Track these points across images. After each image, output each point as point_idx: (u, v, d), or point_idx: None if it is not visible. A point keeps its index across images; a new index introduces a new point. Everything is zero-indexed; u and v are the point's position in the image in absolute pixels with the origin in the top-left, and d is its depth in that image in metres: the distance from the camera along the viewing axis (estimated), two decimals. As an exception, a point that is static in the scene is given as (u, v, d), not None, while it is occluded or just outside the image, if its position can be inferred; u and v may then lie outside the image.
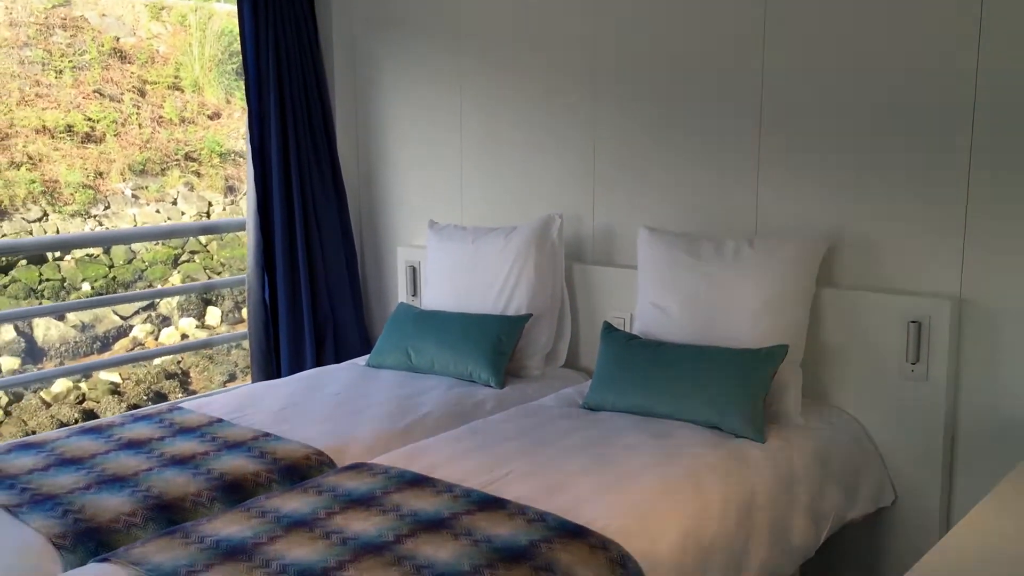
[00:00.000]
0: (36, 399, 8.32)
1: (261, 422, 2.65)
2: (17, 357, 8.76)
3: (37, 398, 8.34)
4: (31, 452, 2.43)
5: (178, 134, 10.78)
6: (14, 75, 9.98)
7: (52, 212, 9.75)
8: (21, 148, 9.73)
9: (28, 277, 9.16)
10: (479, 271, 3.23)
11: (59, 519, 2.03)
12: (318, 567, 1.78)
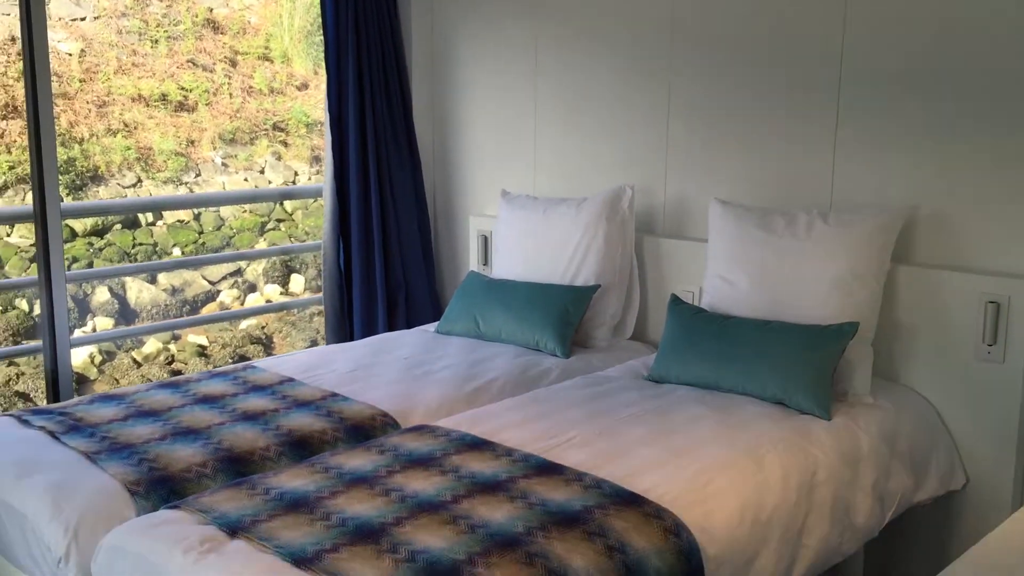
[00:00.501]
0: (128, 359, 8.65)
1: (330, 383, 2.72)
2: (111, 318, 9.11)
3: (129, 358, 8.67)
4: (112, 403, 2.54)
5: (267, 104, 11.00)
6: (112, 44, 10.29)
7: (146, 178, 10.07)
8: (118, 116, 10.05)
9: (122, 241, 9.49)
10: (549, 241, 3.24)
11: (135, 467, 2.13)
12: (376, 522, 1.83)
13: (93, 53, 10.15)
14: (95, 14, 10.35)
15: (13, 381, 7.98)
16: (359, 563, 1.68)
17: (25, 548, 2.07)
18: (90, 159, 9.65)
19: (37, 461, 2.17)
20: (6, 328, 8.28)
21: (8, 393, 7.76)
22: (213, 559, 1.73)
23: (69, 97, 9.66)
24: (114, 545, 1.86)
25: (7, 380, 7.98)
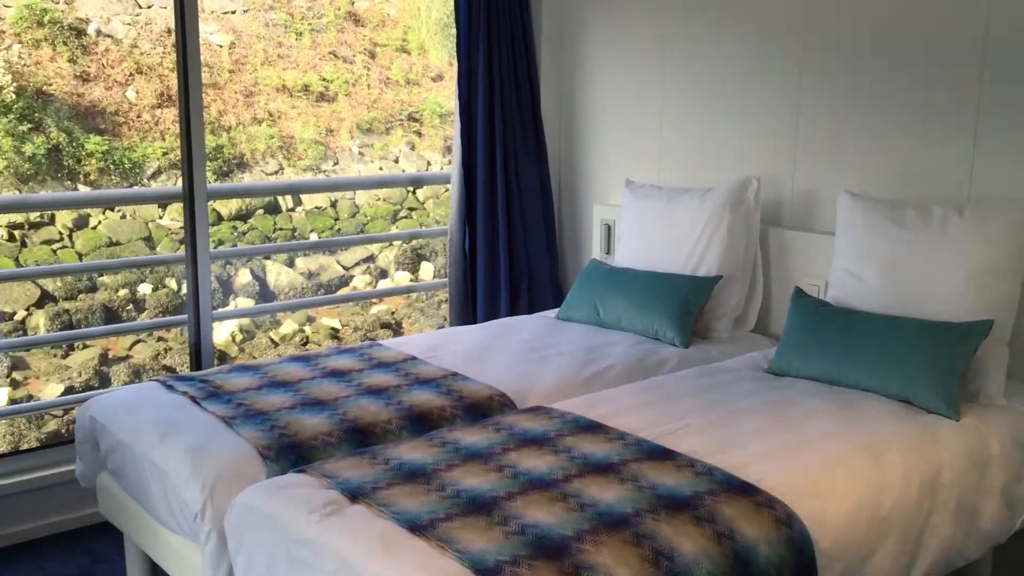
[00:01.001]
0: (266, 339, 9.04)
1: (451, 362, 2.80)
2: (252, 299, 9.54)
3: (267, 338, 9.06)
4: (248, 373, 2.69)
5: (403, 95, 11.27)
6: (260, 37, 10.74)
7: (287, 166, 10.48)
8: (263, 105, 10.49)
9: (264, 225, 9.91)
10: (672, 231, 3.23)
11: (267, 432, 2.25)
12: (488, 495, 1.88)
13: (242, 45, 10.61)
14: (245, 7, 10.82)
15: (161, 355, 8.47)
16: (470, 532, 1.74)
17: (165, 503, 2.22)
18: (236, 147, 10.12)
19: (179, 423, 2.32)
20: (156, 305, 8.79)
21: (156, 367, 8.25)
22: (335, 521, 1.83)
23: (219, 87, 10.14)
24: (246, 504, 1.98)
25: (156, 354, 8.48)
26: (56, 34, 9.98)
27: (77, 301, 9.00)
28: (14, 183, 9.59)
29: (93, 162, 9.88)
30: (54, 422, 8.01)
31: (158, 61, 9.87)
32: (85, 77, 10.21)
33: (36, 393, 8.31)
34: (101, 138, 9.78)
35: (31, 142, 9.57)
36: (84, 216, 9.64)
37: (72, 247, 9.47)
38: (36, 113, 9.72)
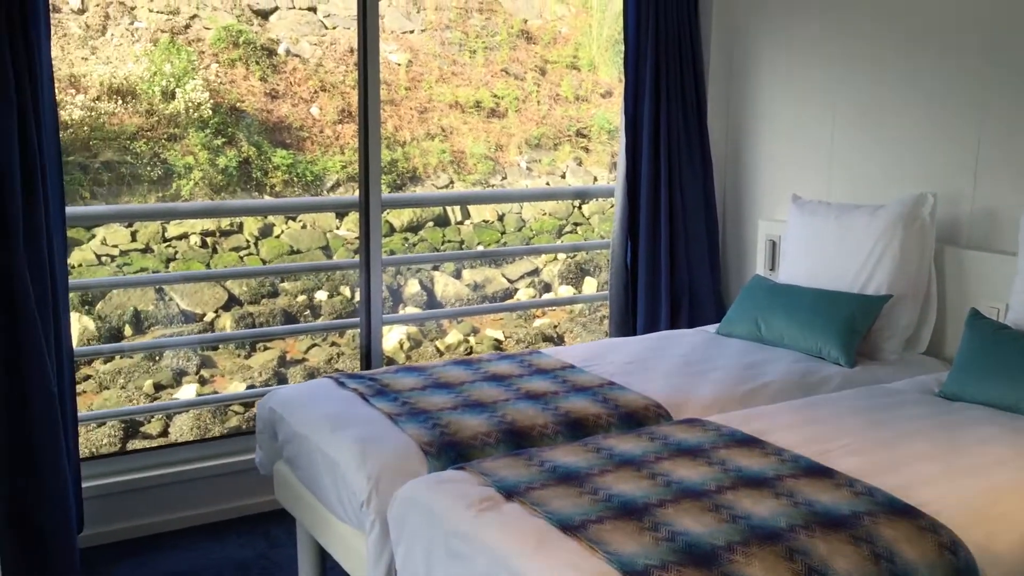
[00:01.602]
0: (432, 347, 9.33)
1: (608, 372, 2.83)
2: (419, 308, 9.86)
3: (433, 347, 9.35)
4: (413, 374, 2.81)
5: (571, 111, 11.40)
6: (435, 55, 11.12)
7: (457, 180, 10.79)
8: (436, 121, 10.85)
9: (433, 237, 10.24)
10: (840, 248, 3.15)
11: (429, 430, 2.36)
12: (640, 501, 1.91)
13: (419, 63, 11.01)
14: (423, 27, 11.22)
15: (334, 359, 8.89)
16: (621, 536, 1.77)
17: (334, 492, 2.36)
18: (410, 161, 10.49)
19: (349, 418, 2.46)
20: (331, 311, 9.22)
21: (329, 369, 8.66)
22: (490, 516, 1.90)
23: (396, 104, 10.54)
24: (408, 496, 2.09)
25: (329, 358, 8.90)
26: (250, 54, 10.66)
27: (260, 305, 9.57)
28: (208, 193, 10.31)
29: (278, 174, 10.49)
30: (236, 418, 8.53)
31: (340, 79, 10.38)
32: (274, 94, 10.86)
33: (221, 390, 8.89)
34: (286, 152, 10.37)
35: (224, 155, 10.26)
36: (269, 225, 10.25)
37: (257, 254, 10.08)
38: (229, 128, 10.41)
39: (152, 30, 10.43)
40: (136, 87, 9.72)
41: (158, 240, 9.65)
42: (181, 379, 8.90)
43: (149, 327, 8.95)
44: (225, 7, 10.96)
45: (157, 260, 9.61)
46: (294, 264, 9.33)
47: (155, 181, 9.77)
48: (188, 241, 9.95)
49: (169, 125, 10.08)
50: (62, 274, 2.77)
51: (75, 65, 9.27)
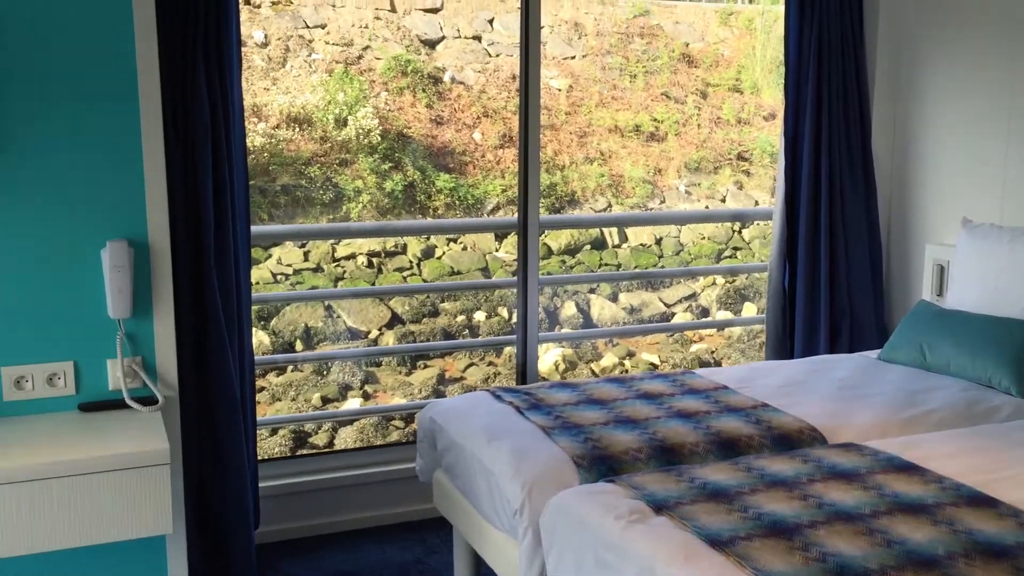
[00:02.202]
0: (587, 369, 9.38)
1: (763, 394, 2.82)
2: (574, 328, 9.95)
3: (588, 369, 9.40)
4: (567, 390, 2.88)
5: (732, 134, 11.26)
6: (596, 80, 11.23)
7: (615, 204, 10.85)
8: (595, 145, 10.94)
9: (590, 260, 10.31)
10: (1014, 273, 3.02)
11: (581, 443, 2.42)
12: (791, 521, 1.91)
13: (579, 88, 11.14)
14: (583, 52, 11.36)
15: (491, 379, 9.08)
16: (770, 554, 1.78)
17: (489, 500, 2.45)
18: (568, 184, 10.63)
19: (504, 429, 2.56)
20: (489, 331, 9.43)
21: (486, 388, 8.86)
22: (639, 528, 1.94)
23: (555, 128, 10.71)
24: (560, 505, 2.16)
25: (486, 377, 9.10)
26: (417, 82, 11.07)
27: (421, 324, 9.90)
28: (375, 215, 10.76)
29: (441, 198, 10.83)
30: (396, 433, 8.84)
31: (502, 105, 10.63)
32: (439, 120, 11.24)
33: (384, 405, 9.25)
34: (449, 176, 10.70)
35: (391, 179, 10.69)
36: (431, 247, 10.59)
37: (419, 274, 10.44)
38: (396, 153, 10.84)
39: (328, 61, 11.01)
40: (312, 115, 10.28)
41: (328, 260, 10.14)
42: (346, 393, 9.31)
43: (318, 342, 9.39)
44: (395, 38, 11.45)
45: (327, 279, 10.10)
46: (455, 283, 9.63)
47: (327, 204, 10.29)
48: (355, 261, 10.42)
49: (341, 151, 10.61)
50: (246, 289, 3.00)
51: (257, 95, 9.88)
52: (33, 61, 2.29)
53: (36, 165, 2.32)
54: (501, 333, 9.35)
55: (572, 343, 9.22)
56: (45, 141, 2.32)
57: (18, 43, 2.27)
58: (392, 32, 11.39)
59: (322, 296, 9.20)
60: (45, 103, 2.31)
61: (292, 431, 7.86)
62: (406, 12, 11.37)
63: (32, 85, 2.29)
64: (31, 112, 2.30)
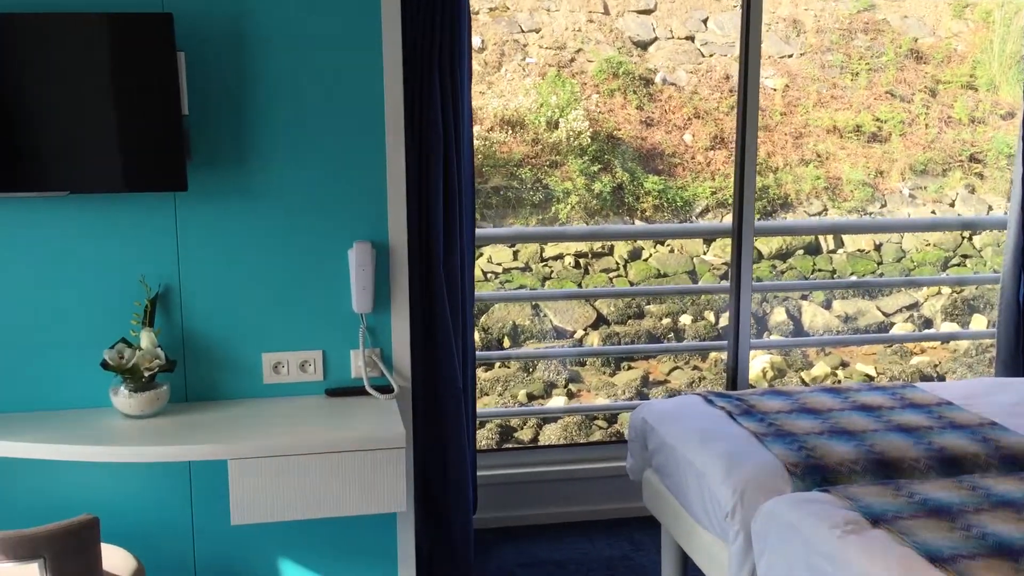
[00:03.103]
0: (796, 378, 9.14)
1: (991, 412, 2.71)
2: (784, 337, 9.70)
3: (798, 377, 9.15)
4: (779, 398, 2.88)
5: (965, 134, 10.62)
6: (814, 79, 10.89)
7: (831, 207, 10.48)
8: (812, 147, 10.62)
9: (803, 266, 10.02)
10: None
11: (794, 452, 2.43)
12: (1017, 544, 1.86)
13: (796, 88, 10.85)
14: (801, 51, 11.06)
15: (695, 383, 9.03)
16: (994, 575, 1.74)
17: (700, 501, 2.50)
18: (782, 187, 10.38)
19: (717, 433, 2.60)
20: (695, 335, 9.38)
21: (690, 392, 8.81)
22: (854, 539, 1.94)
23: (770, 129, 10.49)
24: (772, 511, 2.18)
25: (691, 381, 9.06)
26: (628, 84, 11.14)
27: (626, 326, 9.96)
28: (583, 217, 10.93)
29: (649, 200, 10.84)
30: (599, 432, 8.95)
31: (714, 106, 10.52)
32: (649, 122, 11.25)
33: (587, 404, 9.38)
34: (658, 178, 10.70)
35: (600, 181, 10.82)
36: (638, 249, 10.63)
37: (626, 276, 10.50)
38: (606, 155, 10.96)
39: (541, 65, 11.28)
40: (524, 118, 10.56)
41: (536, 260, 10.40)
42: (551, 391, 9.52)
43: (525, 340, 9.65)
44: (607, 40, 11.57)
45: (535, 279, 10.36)
46: (666, 287, 9.66)
47: (536, 205, 10.55)
48: (563, 262, 10.62)
49: (551, 153, 10.84)
50: (469, 288, 3.18)
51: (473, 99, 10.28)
52: (291, 74, 2.54)
53: (292, 171, 2.57)
54: (707, 338, 9.27)
55: (781, 350, 9.01)
56: (300, 149, 2.57)
57: (279, 58, 2.52)
58: (604, 34, 11.51)
59: (539, 297, 9.49)
60: (301, 113, 2.56)
61: (499, 425, 8.14)
62: (619, 14, 11.47)
63: (289, 96, 2.55)
64: (288, 121, 2.55)
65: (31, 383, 2.52)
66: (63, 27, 2.31)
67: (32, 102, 2.34)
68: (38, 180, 2.37)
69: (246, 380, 2.63)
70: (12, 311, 2.49)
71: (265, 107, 2.53)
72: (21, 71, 2.31)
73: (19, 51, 2.30)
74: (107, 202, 2.47)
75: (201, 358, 2.59)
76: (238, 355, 2.61)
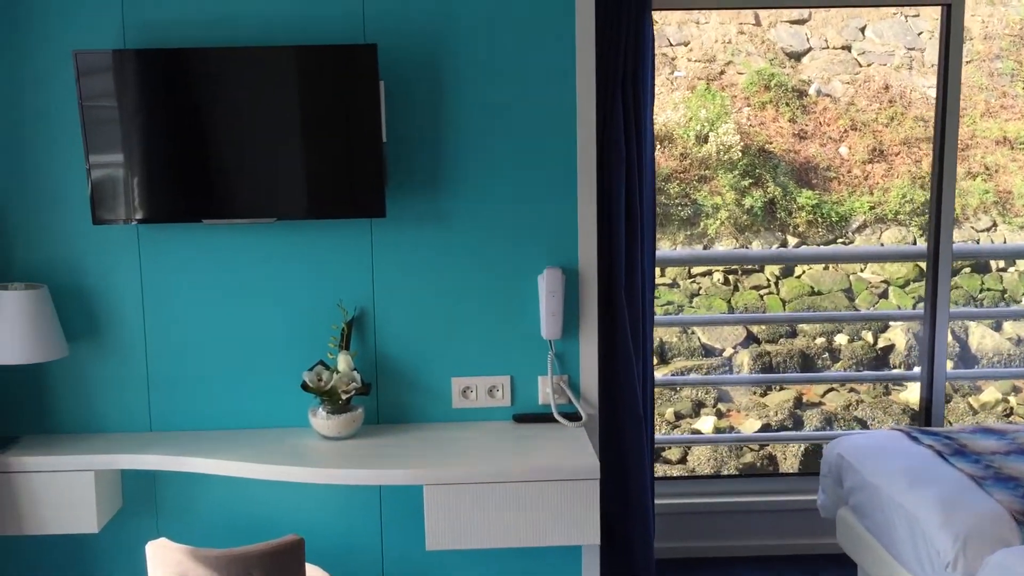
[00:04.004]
0: (964, 404, 8.64)
1: None
2: (950, 360, 9.21)
3: (965, 403, 8.66)
4: (993, 437, 2.69)
5: None
6: (982, 87, 10.35)
7: (1001, 223, 9.90)
8: (979, 159, 10.07)
9: (970, 285, 9.49)
10: None
11: (1020, 498, 2.25)
12: None
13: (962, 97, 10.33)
14: (967, 58, 10.53)
15: (852, 407, 8.66)
16: None
17: (911, 546, 2.35)
18: (948, 202, 9.85)
19: (927, 474, 2.45)
20: (851, 356, 9.00)
21: (847, 416, 8.46)
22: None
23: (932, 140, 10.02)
24: (1003, 564, 2.02)
25: (847, 405, 8.70)
26: (780, 96, 10.85)
27: (777, 345, 9.65)
28: (732, 232, 10.68)
29: (802, 215, 10.50)
30: (750, 455, 8.69)
31: (872, 117, 10.12)
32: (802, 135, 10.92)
33: (736, 425, 9.12)
34: (811, 192, 10.36)
35: (750, 195, 10.55)
36: (790, 265, 10.31)
37: (777, 293, 10.18)
38: (757, 169, 10.69)
39: (690, 78, 11.11)
40: (673, 132, 10.42)
41: (684, 276, 10.22)
42: (699, 410, 9.31)
43: (672, 358, 9.49)
44: (759, 52, 11.31)
45: (682, 295, 10.17)
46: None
47: (684, 220, 10.37)
48: (711, 278, 10.39)
49: (700, 167, 10.65)
50: (650, 310, 3.10)
51: (622, 114, 10.21)
52: (484, 100, 2.54)
53: (484, 197, 2.57)
54: (864, 359, 8.88)
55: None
56: (493, 175, 2.57)
57: (474, 85, 2.53)
58: (756, 46, 11.25)
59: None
60: (493, 139, 2.56)
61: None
62: (771, 24, 11.20)
63: (482, 122, 2.55)
64: (481, 147, 2.56)
65: (234, 401, 2.60)
66: (276, 61, 2.38)
67: (242, 132, 2.41)
68: (247, 208, 2.45)
69: (435, 404, 2.63)
70: (219, 331, 2.58)
71: (459, 133, 2.54)
72: (234, 103, 2.40)
73: (233, 84, 2.38)
74: (309, 228, 2.53)
75: (393, 381, 2.61)
76: (428, 379, 2.62)
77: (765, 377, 8.34)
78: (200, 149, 2.42)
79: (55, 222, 2.52)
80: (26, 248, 2.53)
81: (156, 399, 2.59)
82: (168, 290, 2.56)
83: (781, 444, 8.68)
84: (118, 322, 2.56)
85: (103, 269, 2.54)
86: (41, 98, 2.48)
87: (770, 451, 8.56)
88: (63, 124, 2.47)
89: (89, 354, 2.57)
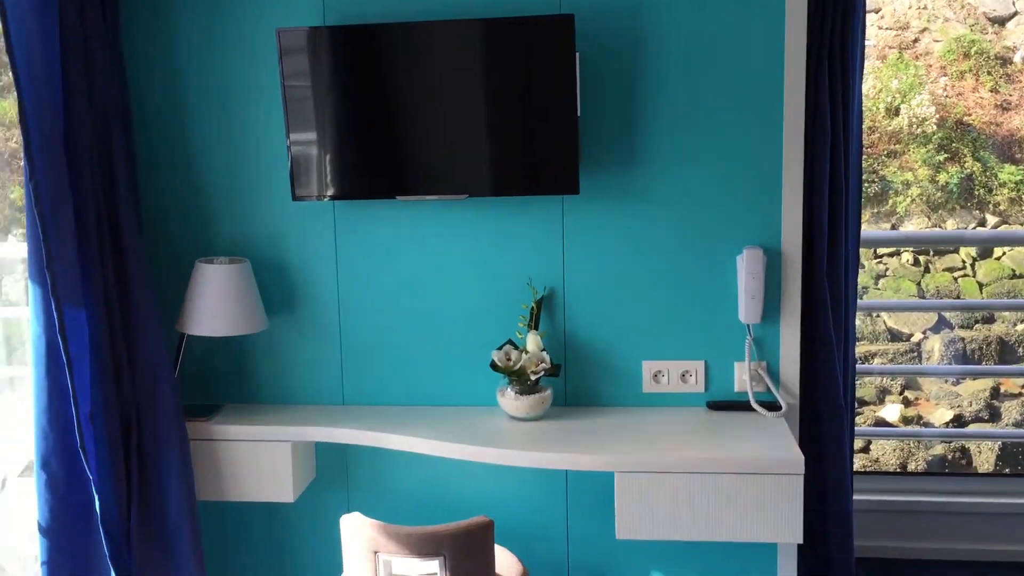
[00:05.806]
0: None
1: None
2: None
3: None
4: None
5: None
6: None
7: None
8: None
9: None
10: None
11: None
12: None
13: None
14: None
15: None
16: None
17: None
18: None
19: None
20: (1056, 345, 8.35)
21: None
22: None
23: None
24: None
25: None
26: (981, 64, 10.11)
27: (972, 331, 9.03)
28: (924, 210, 10.05)
29: (1004, 192, 9.77)
30: (940, 447, 8.19)
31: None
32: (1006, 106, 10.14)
33: (925, 415, 8.60)
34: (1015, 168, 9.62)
35: (945, 171, 9.89)
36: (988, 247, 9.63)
37: (973, 276, 9.52)
38: (953, 143, 10.01)
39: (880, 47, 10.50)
40: (861, 104, 9.87)
41: (869, 256, 9.70)
42: (884, 397, 8.83)
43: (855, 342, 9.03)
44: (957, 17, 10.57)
45: (867, 276, 9.65)
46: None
47: (870, 197, 9.84)
48: (899, 259, 9.83)
49: (890, 141, 10.07)
50: (853, 294, 2.90)
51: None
52: (684, 71, 2.42)
53: (681, 173, 2.45)
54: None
55: None
56: (690, 150, 2.44)
57: (673, 56, 2.41)
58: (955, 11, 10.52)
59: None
60: (693, 112, 2.43)
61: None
62: (973, -12, 10.47)
63: (681, 94, 2.42)
64: (679, 120, 2.43)
65: (423, 378, 2.60)
66: (469, 34, 2.34)
67: (433, 107, 2.39)
68: (438, 184, 2.42)
69: (625, 388, 2.55)
70: (409, 308, 2.58)
71: (655, 106, 2.43)
72: (425, 78, 2.37)
73: (424, 59, 2.36)
74: (499, 205, 2.49)
75: (582, 363, 2.55)
76: (618, 362, 2.54)
77: (968, 368, 7.82)
78: (391, 125, 2.41)
79: (257, 199, 2.58)
80: (231, 223, 2.60)
81: (349, 373, 2.62)
82: (361, 266, 2.58)
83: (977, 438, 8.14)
84: (314, 296, 2.61)
85: (301, 245, 2.59)
86: (242, 77, 2.53)
87: (963, 443, 8.04)
88: (265, 102, 2.52)
89: (287, 327, 2.63)
